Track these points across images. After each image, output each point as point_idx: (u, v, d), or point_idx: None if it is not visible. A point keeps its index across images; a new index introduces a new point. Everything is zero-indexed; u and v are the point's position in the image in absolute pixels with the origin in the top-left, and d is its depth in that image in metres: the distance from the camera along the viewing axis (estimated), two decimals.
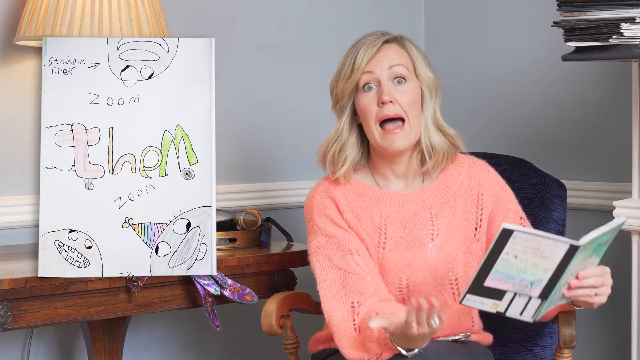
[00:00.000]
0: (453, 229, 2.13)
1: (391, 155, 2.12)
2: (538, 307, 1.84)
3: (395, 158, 2.13)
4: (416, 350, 1.88)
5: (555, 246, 1.77)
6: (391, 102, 2.07)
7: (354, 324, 2.00)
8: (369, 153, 2.19)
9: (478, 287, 1.80)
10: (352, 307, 2.02)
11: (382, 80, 2.08)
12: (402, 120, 2.08)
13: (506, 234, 1.74)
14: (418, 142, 2.13)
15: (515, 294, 1.81)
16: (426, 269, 2.11)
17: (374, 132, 2.09)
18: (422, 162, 2.16)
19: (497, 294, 1.81)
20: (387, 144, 2.08)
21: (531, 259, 1.77)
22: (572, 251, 1.77)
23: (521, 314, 1.84)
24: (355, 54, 2.10)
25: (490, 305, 1.82)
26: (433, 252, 2.11)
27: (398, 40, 2.14)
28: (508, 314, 1.84)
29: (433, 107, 2.13)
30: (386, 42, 2.12)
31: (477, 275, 1.78)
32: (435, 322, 1.78)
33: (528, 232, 1.75)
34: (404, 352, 1.88)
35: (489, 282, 1.79)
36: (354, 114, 2.15)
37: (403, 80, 2.09)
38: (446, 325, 2.11)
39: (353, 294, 2.04)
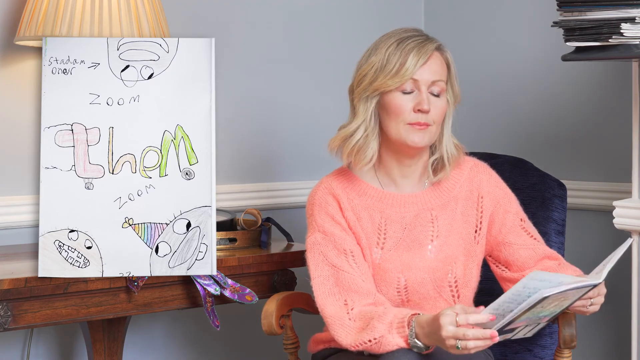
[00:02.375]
0: (453, 231, 2.14)
1: (406, 151, 2.11)
2: (543, 327, 1.88)
3: (405, 158, 2.13)
4: (422, 347, 1.89)
5: (581, 291, 1.81)
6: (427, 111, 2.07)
7: (349, 316, 2.01)
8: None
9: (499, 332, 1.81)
10: (345, 304, 2.03)
11: (422, 89, 2.07)
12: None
13: (542, 299, 1.73)
14: (436, 151, 2.14)
15: (527, 325, 1.83)
16: (425, 270, 2.11)
17: (400, 127, 2.07)
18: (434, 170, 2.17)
19: (512, 330, 1.83)
20: (410, 136, 2.06)
21: (554, 302, 1.79)
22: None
23: (525, 334, 1.88)
24: (406, 57, 2.05)
25: (501, 338, 1.84)
26: (432, 253, 2.12)
27: (441, 49, 2.11)
28: (514, 338, 1.88)
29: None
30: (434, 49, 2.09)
31: (501, 328, 1.79)
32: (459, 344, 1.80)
33: (561, 291, 1.75)
34: (418, 343, 1.89)
35: (510, 327, 1.80)
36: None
37: (438, 95, 2.09)
38: None
39: (346, 292, 2.05)
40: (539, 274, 1.75)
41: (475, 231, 2.15)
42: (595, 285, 1.82)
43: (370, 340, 1.94)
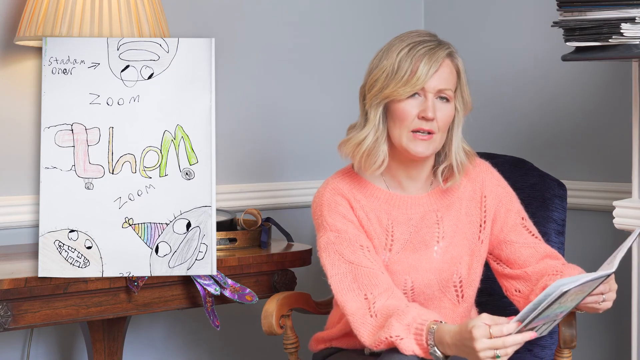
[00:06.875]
0: (458, 231, 2.14)
1: (410, 159, 2.10)
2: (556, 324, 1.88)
3: (412, 163, 2.12)
4: (441, 358, 1.85)
5: (596, 282, 1.82)
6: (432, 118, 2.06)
7: (370, 312, 1.97)
8: None
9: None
10: (366, 298, 2.00)
11: (428, 96, 2.05)
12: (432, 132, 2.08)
13: (562, 294, 1.73)
14: (446, 159, 2.13)
15: (544, 324, 1.83)
16: (431, 271, 2.10)
17: (403, 134, 2.07)
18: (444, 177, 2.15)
19: (530, 329, 1.83)
20: (412, 146, 2.06)
21: (571, 297, 1.79)
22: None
23: (541, 333, 1.88)
24: (417, 64, 2.04)
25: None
26: (438, 254, 2.11)
27: (452, 55, 2.10)
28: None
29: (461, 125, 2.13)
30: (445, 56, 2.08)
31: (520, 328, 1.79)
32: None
33: (579, 284, 1.75)
34: (438, 353, 1.84)
35: (530, 326, 1.80)
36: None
37: (446, 100, 2.08)
38: None
39: (365, 286, 2.01)
40: (559, 281, 1.75)
41: (480, 231, 2.16)
42: (609, 275, 1.83)
43: (387, 338, 1.90)
